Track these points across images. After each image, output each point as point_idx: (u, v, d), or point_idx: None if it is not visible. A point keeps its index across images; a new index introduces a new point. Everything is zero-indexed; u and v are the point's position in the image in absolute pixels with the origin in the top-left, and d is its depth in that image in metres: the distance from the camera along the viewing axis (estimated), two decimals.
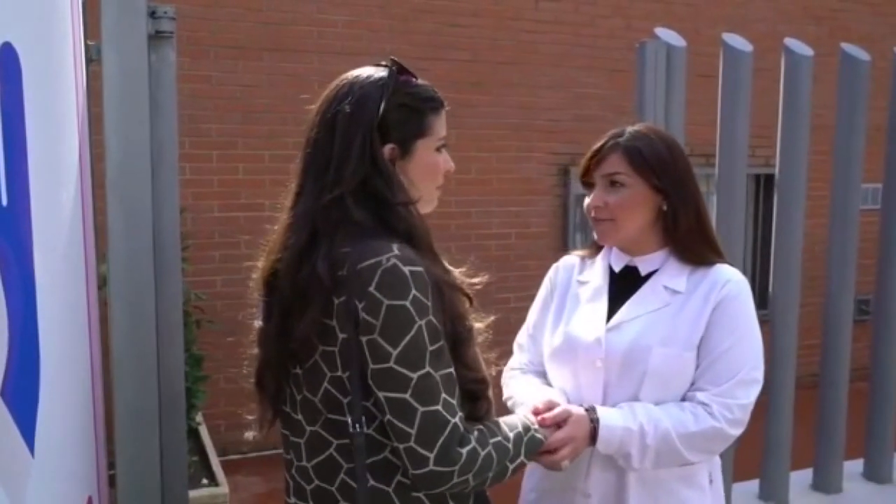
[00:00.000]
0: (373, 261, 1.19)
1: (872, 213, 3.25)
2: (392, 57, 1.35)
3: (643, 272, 1.65)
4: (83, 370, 1.42)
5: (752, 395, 1.56)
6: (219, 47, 5.13)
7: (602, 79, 6.15)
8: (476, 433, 1.28)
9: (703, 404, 1.54)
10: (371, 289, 1.19)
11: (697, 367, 1.57)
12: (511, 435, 1.35)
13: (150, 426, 1.68)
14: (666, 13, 6.06)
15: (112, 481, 1.64)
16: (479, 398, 1.34)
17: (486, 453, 1.27)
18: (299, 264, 1.26)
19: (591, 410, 1.52)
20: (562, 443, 1.46)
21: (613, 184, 1.60)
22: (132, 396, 1.65)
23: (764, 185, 6.62)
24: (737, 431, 1.55)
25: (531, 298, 1.82)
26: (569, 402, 1.60)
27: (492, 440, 1.29)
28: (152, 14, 1.70)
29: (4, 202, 1.08)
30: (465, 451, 1.23)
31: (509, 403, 1.70)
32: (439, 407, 1.21)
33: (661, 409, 1.54)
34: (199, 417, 4.41)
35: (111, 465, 1.63)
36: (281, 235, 1.32)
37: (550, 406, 1.52)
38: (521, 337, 1.83)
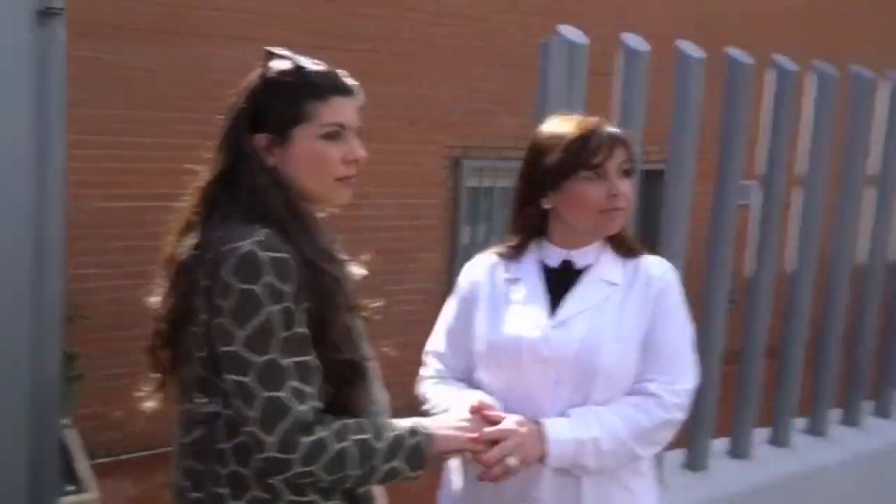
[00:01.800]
0: (233, 245, 1.20)
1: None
2: (266, 48, 1.35)
3: (579, 266, 1.63)
4: None
5: (694, 378, 1.60)
6: (107, 27, 4.82)
7: (497, 73, 6.22)
8: (336, 426, 1.25)
9: (654, 395, 1.54)
10: (225, 272, 1.20)
11: (643, 358, 1.57)
12: (389, 436, 1.30)
13: (21, 431, 1.58)
14: (558, 11, 6.18)
15: None
16: (350, 383, 1.31)
17: (342, 448, 1.24)
18: (176, 246, 1.31)
19: (539, 425, 1.49)
20: (500, 456, 1.41)
21: (625, 173, 1.59)
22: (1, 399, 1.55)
23: (646, 182, 6.87)
24: (684, 416, 1.58)
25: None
26: (506, 409, 1.54)
27: (354, 437, 1.26)
28: None
29: None
30: (308, 440, 1.22)
31: (433, 412, 1.61)
32: (283, 393, 1.20)
33: (613, 412, 1.53)
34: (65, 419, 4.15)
35: None
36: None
37: (484, 406, 1.48)
38: (435, 344, 1.75)
